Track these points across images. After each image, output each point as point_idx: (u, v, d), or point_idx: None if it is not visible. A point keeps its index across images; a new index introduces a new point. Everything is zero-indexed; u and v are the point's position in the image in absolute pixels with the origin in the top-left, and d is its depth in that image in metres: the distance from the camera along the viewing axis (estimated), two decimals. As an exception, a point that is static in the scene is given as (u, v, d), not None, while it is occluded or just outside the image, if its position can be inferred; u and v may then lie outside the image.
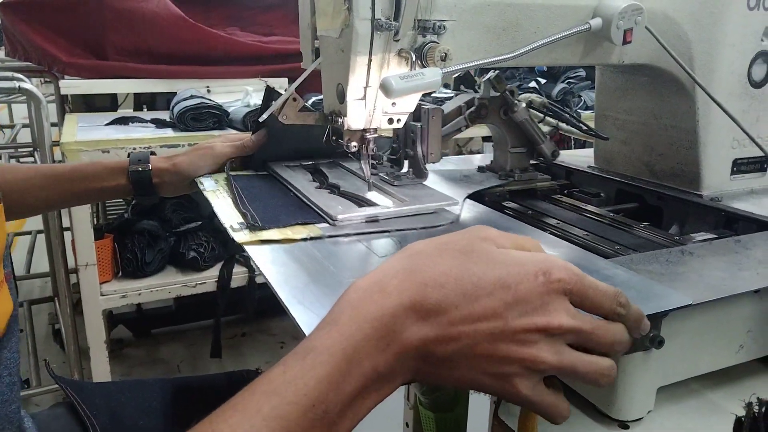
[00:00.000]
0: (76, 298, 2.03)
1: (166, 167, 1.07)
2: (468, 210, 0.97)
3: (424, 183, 1.02)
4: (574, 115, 1.23)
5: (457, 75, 1.06)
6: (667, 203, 1.07)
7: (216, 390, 1.01)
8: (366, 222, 0.86)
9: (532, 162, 1.18)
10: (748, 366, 0.77)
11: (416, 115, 0.99)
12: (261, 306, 2.20)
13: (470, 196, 1.02)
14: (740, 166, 1.08)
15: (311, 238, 0.80)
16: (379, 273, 0.48)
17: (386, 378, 0.45)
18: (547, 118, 1.28)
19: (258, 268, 0.75)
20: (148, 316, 2.64)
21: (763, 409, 0.63)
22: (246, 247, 0.86)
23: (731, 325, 0.73)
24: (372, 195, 0.97)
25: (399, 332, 0.45)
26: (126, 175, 1.05)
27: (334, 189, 1.00)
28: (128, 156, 1.08)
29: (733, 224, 0.98)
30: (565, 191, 1.19)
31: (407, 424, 1.24)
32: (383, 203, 0.93)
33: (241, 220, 0.86)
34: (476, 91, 1.10)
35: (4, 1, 2.40)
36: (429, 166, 1.03)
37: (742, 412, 0.63)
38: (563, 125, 1.28)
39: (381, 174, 1.06)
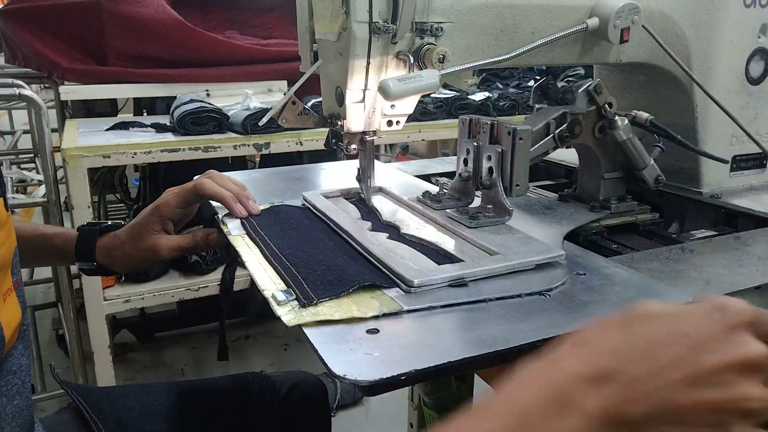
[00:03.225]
0: (80, 303, 2.03)
1: (110, 267, 0.99)
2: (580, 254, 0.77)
3: (508, 223, 0.83)
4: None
5: (537, 85, 0.96)
6: (667, 200, 1.08)
7: (221, 393, 1.01)
8: (450, 286, 0.66)
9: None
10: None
11: (494, 135, 0.83)
12: (264, 308, 2.20)
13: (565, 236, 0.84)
14: (739, 163, 1.08)
15: (384, 315, 0.61)
16: (544, 356, 0.45)
17: None
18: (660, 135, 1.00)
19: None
20: (151, 320, 2.65)
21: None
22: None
23: (732, 322, 0.73)
24: (445, 241, 0.80)
25: (574, 395, 0.42)
26: (72, 260, 1.00)
27: (393, 231, 0.84)
28: (79, 228, 1.00)
29: (732, 221, 0.98)
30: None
31: (411, 425, 1.24)
32: (464, 254, 0.75)
33: (284, 286, 0.67)
34: (561, 103, 0.93)
35: (4, 7, 2.41)
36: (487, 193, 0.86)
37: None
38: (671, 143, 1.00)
39: (448, 210, 0.87)
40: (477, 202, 0.89)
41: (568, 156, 1.30)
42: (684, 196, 1.05)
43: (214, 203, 0.96)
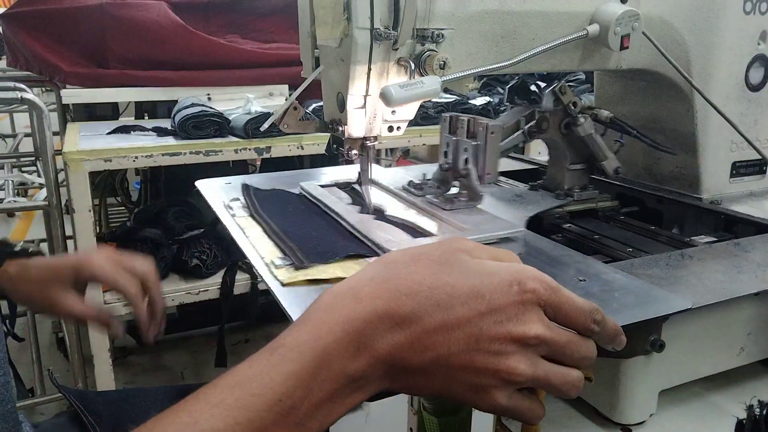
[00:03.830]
0: (80, 307, 2.03)
1: (9, 292, 0.92)
2: (530, 238, 0.86)
3: (479, 206, 0.94)
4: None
5: (511, 85, 1.03)
6: (667, 206, 1.08)
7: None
8: None
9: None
10: (750, 368, 0.77)
11: (470, 131, 0.93)
12: (264, 312, 2.21)
13: (529, 220, 0.93)
14: (739, 169, 1.08)
15: None
16: (353, 279, 0.48)
17: (358, 384, 0.45)
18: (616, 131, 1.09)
19: (260, 276, 0.75)
20: (151, 323, 2.65)
21: (764, 412, 0.64)
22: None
23: (732, 328, 0.73)
24: (423, 221, 0.90)
25: (371, 338, 0.45)
26: None
27: (380, 214, 0.93)
28: None
29: (732, 227, 0.98)
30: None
31: (411, 429, 1.24)
32: (437, 231, 0.86)
33: (281, 254, 0.78)
34: (532, 102, 1.02)
35: (5, 11, 2.41)
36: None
37: (743, 415, 0.64)
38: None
39: (429, 196, 0.97)
40: (456, 190, 0.98)
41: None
42: (684, 201, 1.05)
43: (212, 203, 0.99)
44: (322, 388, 0.44)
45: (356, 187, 1.06)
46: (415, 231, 0.86)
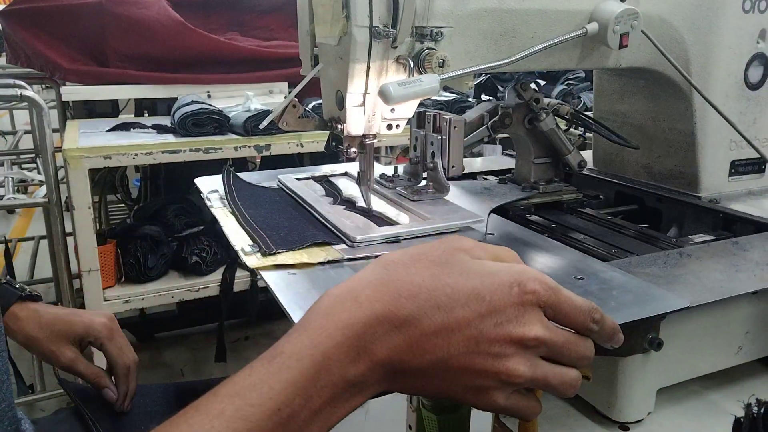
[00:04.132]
0: (80, 304, 2.03)
1: (11, 332, 0.91)
2: (492, 225, 0.92)
3: (446, 198, 0.97)
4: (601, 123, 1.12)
5: (478, 82, 1.04)
6: (666, 205, 1.08)
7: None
8: (386, 243, 0.81)
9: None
10: (748, 366, 0.77)
11: (436, 125, 0.96)
12: (264, 309, 2.21)
13: (494, 211, 0.97)
14: (738, 168, 1.08)
15: (329, 262, 0.76)
16: (352, 282, 0.48)
17: (357, 388, 0.45)
18: (578, 125, 1.17)
19: (260, 274, 0.75)
20: (151, 320, 2.65)
21: (762, 410, 0.64)
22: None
23: (730, 327, 0.73)
24: (391, 211, 0.93)
25: (370, 342, 0.44)
26: None
27: (349, 205, 0.97)
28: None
29: (731, 225, 0.98)
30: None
31: (410, 427, 1.24)
32: (403, 221, 0.90)
33: (251, 241, 0.82)
34: (498, 99, 1.06)
35: (5, 8, 2.41)
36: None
37: (741, 413, 0.64)
38: (589, 134, 1.22)
39: (398, 188, 1.01)
40: (425, 183, 1.02)
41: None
42: (683, 200, 1.05)
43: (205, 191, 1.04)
44: (322, 395, 0.43)
45: (332, 179, 1.10)
46: (381, 220, 0.90)
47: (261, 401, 0.42)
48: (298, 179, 1.09)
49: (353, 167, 1.12)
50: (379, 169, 1.09)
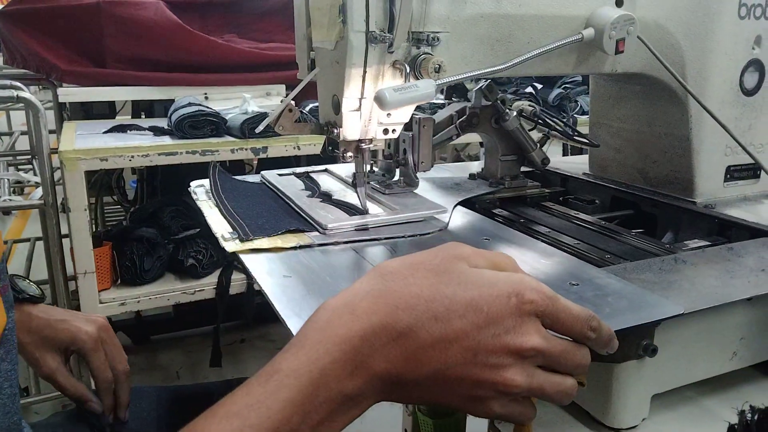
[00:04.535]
0: (75, 306, 2.03)
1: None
2: (458, 217, 0.98)
3: (415, 191, 1.03)
4: (569, 121, 1.22)
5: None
6: (662, 210, 1.08)
7: (214, 398, 1.01)
8: (356, 230, 0.87)
9: (526, 169, 1.18)
10: (742, 372, 0.77)
11: (408, 124, 0.99)
12: (260, 312, 2.21)
13: (461, 204, 1.03)
14: (733, 173, 1.08)
15: (301, 247, 0.82)
16: (349, 293, 0.47)
17: (355, 401, 0.45)
18: (540, 125, 1.25)
19: (255, 279, 0.75)
20: (147, 322, 2.64)
21: (756, 416, 0.64)
22: (241, 257, 0.86)
23: (724, 333, 0.74)
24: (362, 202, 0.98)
25: (368, 356, 0.44)
26: None
27: (326, 198, 1.02)
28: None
29: (726, 231, 0.98)
30: (560, 198, 1.20)
31: (406, 430, 1.24)
32: (374, 211, 0.95)
33: (231, 229, 0.88)
34: (468, 100, 1.12)
35: (2, 9, 2.41)
36: (422, 175, 1.05)
37: (735, 419, 0.64)
38: (555, 133, 1.27)
39: (372, 183, 1.06)
40: (398, 178, 1.08)
41: (563, 164, 1.31)
42: (678, 206, 1.06)
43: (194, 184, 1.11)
44: (320, 411, 0.43)
45: (312, 175, 1.17)
46: (353, 211, 0.95)
47: (260, 421, 0.42)
48: (280, 175, 1.16)
49: (337, 167, 1.21)
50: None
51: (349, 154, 0.88)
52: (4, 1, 2.58)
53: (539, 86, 2.74)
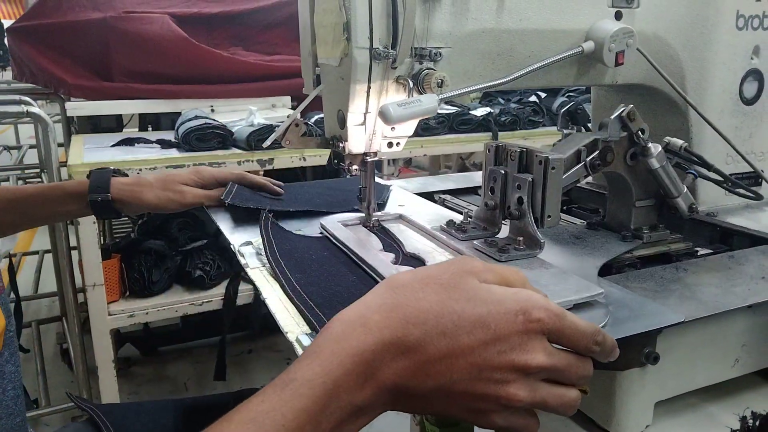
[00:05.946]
0: (84, 318, 2.05)
1: (129, 200, 1.06)
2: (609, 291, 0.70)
3: (539, 256, 0.79)
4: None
5: (564, 110, 0.96)
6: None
7: (224, 410, 1.02)
8: None
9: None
10: (744, 379, 0.78)
11: (523, 163, 0.80)
12: (267, 323, 2.21)
13: (600, 272, 0.79)
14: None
15: None
16: (362, 306, 0.49)
17: (363, 411, 0.47)
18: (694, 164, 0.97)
19: (260, 292, 0.76)
20: (155, 334, 2.66)
21: (757, 422, 0.65)
22: (249, 272, 0.84)
23: (726, 340, 0.75)
24: None
25: (378, 368, 0.46)
26: (86, 202, 1.04)
27: (416, 263, 0.82)
28: (88, 176, 1.06)
29: (728, 239, 0.99)
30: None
31: (413, 440, 1.24)
32: None
33: (308, 329, 0.67)
34: (588, 129, 0.92)
35: (11, 25, 2.44)
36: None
37: (737, 425, 0.65)
38: (713, 174, 0.97)
39: (475, 242, 0.83)
40: (503, 231, 0.86)
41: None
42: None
43: (221, 227, 1.02)
44: (330, 420, 0.45)
45: (385, 226, 0.96)
46: None
47: (275, 428, 0.43)
48: (345, 224, 0.95)
49: (411, 212, 1.01)
50: (443, 215, 0.99)
51: (355, 167, 0.89)
52: (14, 18, 2.61)
53: (543, 95, 2.76)
